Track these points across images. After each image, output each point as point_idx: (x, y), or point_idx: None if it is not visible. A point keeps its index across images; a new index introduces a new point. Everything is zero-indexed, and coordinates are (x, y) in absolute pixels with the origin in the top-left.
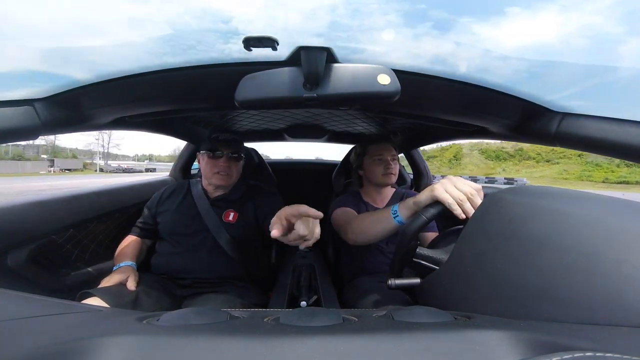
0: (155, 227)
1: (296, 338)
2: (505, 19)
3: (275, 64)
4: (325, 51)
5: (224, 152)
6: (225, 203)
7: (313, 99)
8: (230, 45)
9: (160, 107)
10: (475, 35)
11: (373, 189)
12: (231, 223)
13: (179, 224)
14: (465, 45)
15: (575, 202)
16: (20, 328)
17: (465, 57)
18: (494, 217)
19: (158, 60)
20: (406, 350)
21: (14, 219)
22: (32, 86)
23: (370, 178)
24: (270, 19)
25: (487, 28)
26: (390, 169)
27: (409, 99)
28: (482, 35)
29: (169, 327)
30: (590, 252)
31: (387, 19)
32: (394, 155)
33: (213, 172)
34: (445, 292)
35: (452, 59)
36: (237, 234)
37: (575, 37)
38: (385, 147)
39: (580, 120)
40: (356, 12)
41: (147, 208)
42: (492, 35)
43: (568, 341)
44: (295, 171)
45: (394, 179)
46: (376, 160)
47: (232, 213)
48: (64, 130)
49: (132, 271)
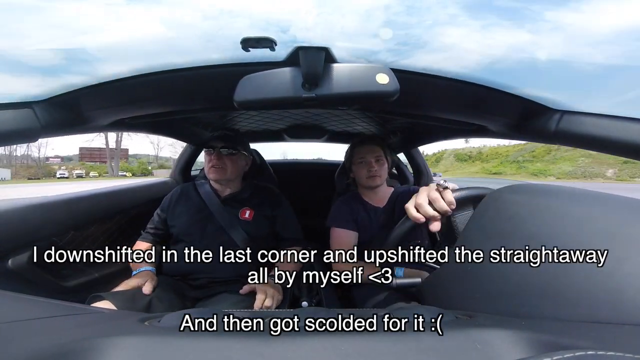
0: (166, 232)
1: (296, 338)
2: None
3: (273, 64)
4: (324, 51)
5: (217, 147)
6: (238, 202)
7: (312, 99)
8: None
9: (160, 109)
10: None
11: (366, 191)
12: (248, 220)
13: (191, 225)
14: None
15: (576, 201)
16: (21, 330)
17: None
18: (494, 215)
19: (157, 62)
20: (408, 350)
21: (15, 221)
22: (31, 88)
23: (359, 181)
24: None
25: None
26: (372, 171)
27: (408, 99)
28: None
29: (170, 328)
30: (591, 250)
31: (446, 12)
32: (378, 156)
33: (209, 167)
34: (446, 291)
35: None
36: (254, 231)
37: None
38: (369, 149)
39: (579, 118)
40: (410, 8)
41: (157, 214)
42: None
43: (570, 340)
44: (297, 171)
45: (379, 181)
46: (360, 162)
47: (248, 211)
48: (63, 132)
49: (152, 276)
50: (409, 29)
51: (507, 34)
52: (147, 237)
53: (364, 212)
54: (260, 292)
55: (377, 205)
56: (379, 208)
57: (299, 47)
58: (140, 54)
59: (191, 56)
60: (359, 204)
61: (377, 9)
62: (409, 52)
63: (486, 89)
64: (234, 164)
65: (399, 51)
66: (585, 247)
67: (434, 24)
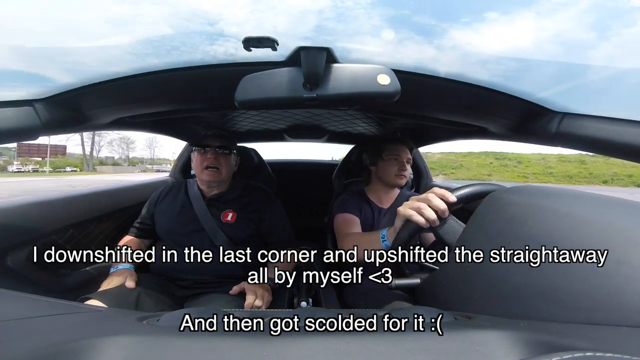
0: (152, 227)
1: (296, 338)
2: (485, 24)
3: (275, 64)
4: (325, 51)
5: (212, 146)
6: (222, 203)
7: (313, 99)
8: (230, 45)
9: (161, 108)
10: (456, 40)
11: (381, 188)
12: (230, 223)
13: (175, 224)
14: (446, 49)
15: (576, 202)
16: (20, 328)
17: (446, 62)
18: (494, 217)
19: (158, 61)
20: (406, 351)
21: (14, 219)
22: (32, 87)
23: (382, 177)
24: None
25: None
26: (404, 170)
27: (409, 99)
28: (465, 39)
29: (169, 327)
30: (590, 252)
31: (371, 23)
32: (409, 158)
33: (202, 168)
34: (445, 292)
35: (433, 64)
36: (236, 234)
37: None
38: (402, 148)
39: (580, 120)
40: (359, 14)
41: (145, 208)
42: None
43: (568, 341)
44: (295, 171)
45: (404, 181)
46: (392, 159)
47: (231, 213)
48: (64, 130)
49: (130, 273)
50: (334, 34)
51: (416, 48)
52: (133, 232)
53: (369, 210)
54: (249, 292)
55: (382, 206)
56: (383, 209)
57: (300, 47)
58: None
59: (111, 37)
60: (364, 201)
61: (310, 13)
62: (348, 56)
63: (487, 91)
64: (228, 164)
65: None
66: (585, 249)
67: (354, 33)
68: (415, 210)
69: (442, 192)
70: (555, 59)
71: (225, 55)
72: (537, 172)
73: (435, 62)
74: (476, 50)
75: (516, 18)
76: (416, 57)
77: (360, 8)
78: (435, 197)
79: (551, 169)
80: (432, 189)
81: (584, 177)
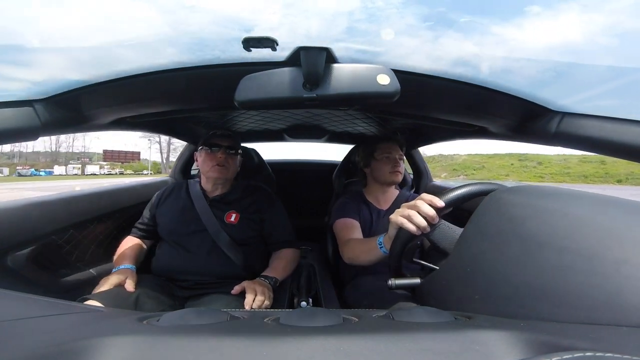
0: (154, 228)
1: (296, 338)
2: (527, 19)
3: (274, 64)
4: (325, 51)
5: (222, 146)
6: (225, 204)
7: (313, 99)
8: (229, 45)
9: (161, 108)
10: (497, 37)
11: (378, 188)
12: (233, 224)
13: (177, 225)
14: (486, 47)
15: (575, 202)
16: (20, 328)
17: (488, 58)
18: (494, 217)
19: (158, 61)
20: (406, 351)
21: (14, 219)
22: (32, 87)
23: (377, 176)
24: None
25: (511, 29)
26: (397, 167)
27: (409, 99)
28: (505, 36)
29: (169, 327)
30: (590, 252)
31: (405, 22)
32: (401, 155)
33: (211, 166)
34: (445, 292)
35: (475, 61)
36: (238, 235)
37: (600, 37)
38: (393, 146)
39: (580, 120)
40: (372, 16)
41: (147, 209)
42: (515, 36)
43: (568, 341)
44: (295, 171)
45: (401, 178)
46: (384, 158)
47: (234, 214)
48: (63, 131)
49: (131, 273)
50: (367, 36)
51: (455, 45)
52: (136, 233)
53: (368, 212)
54: (249, 291)
55: (381, 207)
56: (382, 210)
57: (300, 47)
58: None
59: (111, 37)
60: (362, 203)
61: (341, 15)
62: (348, 56)
63: (487, 90)
64: (235, 165)
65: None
66: (584, 249)
67: (368, 29)
68: (406, 218)
69: (430, 198)
70: (611, 52)
71: (225, 55)
72: (554, 172)
73: (477, 59)
74: (522, 46)
75: (561, 11)
76: (456, 54)
77: (392, 8)
78: (424, 203)
79: (569, 169)
80: (421, 195)
81: (599, 176)
